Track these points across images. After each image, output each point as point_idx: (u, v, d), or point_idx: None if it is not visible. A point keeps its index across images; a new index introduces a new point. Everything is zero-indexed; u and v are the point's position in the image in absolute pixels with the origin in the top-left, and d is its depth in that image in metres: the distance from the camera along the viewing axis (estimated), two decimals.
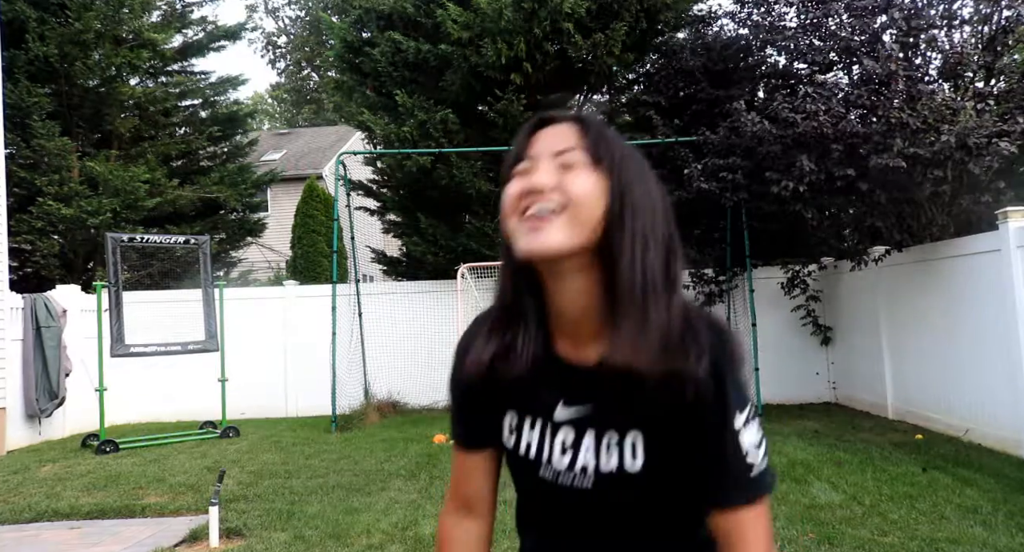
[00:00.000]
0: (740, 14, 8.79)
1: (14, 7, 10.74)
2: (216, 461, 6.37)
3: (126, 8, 11.68)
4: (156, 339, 7.80)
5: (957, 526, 3.91)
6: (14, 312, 7.72)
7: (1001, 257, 5.60)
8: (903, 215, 7.24)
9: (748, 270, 8.38)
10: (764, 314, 8.78)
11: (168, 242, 8.41)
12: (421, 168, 9.78)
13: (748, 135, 7.01)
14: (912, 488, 4.70)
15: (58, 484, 5.64)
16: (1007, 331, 5.53)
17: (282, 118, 36.58)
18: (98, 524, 4.62)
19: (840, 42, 7.25)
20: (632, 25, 9.32)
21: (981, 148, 5.87)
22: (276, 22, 38.46)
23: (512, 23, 8.83)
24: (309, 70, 35.01)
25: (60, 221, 10.70)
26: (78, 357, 8.38)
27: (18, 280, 10.39)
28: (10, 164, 10.06)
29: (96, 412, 7.43)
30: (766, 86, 9.16)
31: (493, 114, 9.47)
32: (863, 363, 8.18)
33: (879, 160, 6.11)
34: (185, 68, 13.86)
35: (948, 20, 7.04)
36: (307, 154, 21.42)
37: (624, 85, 11.28)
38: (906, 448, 5.96)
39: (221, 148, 14.15)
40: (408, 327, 9.49)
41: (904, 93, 6.23)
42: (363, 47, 10.50)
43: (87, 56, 11.26)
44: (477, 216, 10.04)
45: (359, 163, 13.13)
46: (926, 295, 6.80)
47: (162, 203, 11.61)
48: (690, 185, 7.72)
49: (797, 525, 4.02)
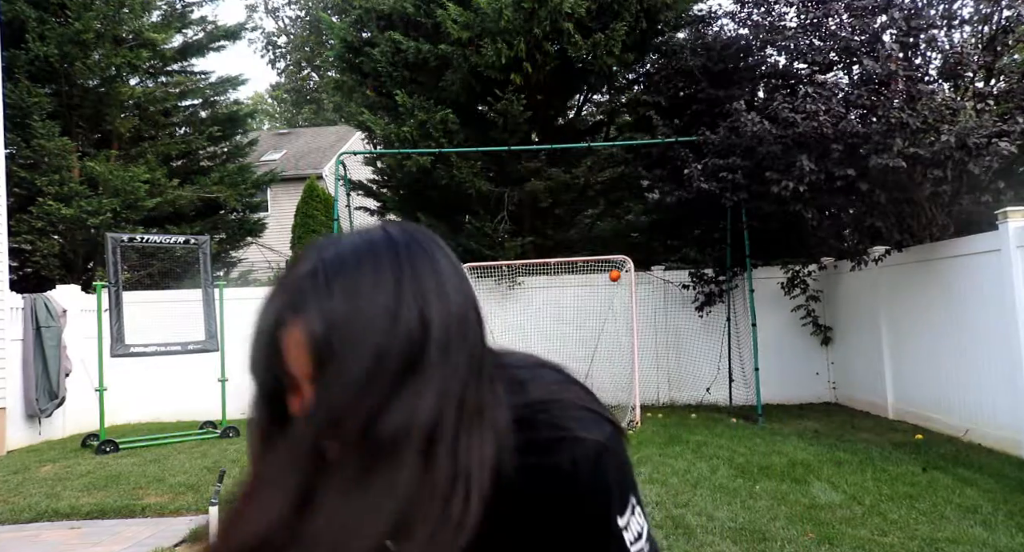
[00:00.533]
0: (740, 14, 8.78)
1: (14, 7, 10.74)
2: (216, 461, 6.37)
3: (126, 8, 11.69)
4: (156, 339, 7.80)
5: (957, 526, 3.91)
6: (14, 312, 7.72)
7: (1001, 257, 5.60)
8: (903, 215, 7.24)
9: (748, 270, 8.38)
10: (764, 314, 8.78)
11: (168, 242, 8.41)
12: (421, 168, 9.78)
13: (748, 135, 7.01)
14: (912, 488, 4.70)
15: (58, 484, 5.64)
16: (1007, 331, 5.53)
17: (282, 118, 36.59)
18: (98, 524, 4.62)
19: (840, 42, 7.25)
20: (632, 25, 9.32)
21: (981, 148, 5.87)
22: (276, 22, 38.47)
23: (512, 23, 8.83)
24: (309, 70, 35.02)
25: (60, 221, 10.70)
26: (78, 357, 8.38)
27: (18, 280, 10.40)
28: (10, 164, 10.05)
29: (96, 412, 7.43)
30: (766, 86, 9.16)
31: (493, 114, 9.47)
32: (863, 363, 8.18)
33: (879, 160, 6.11)
34: (185, 68, 13.86)
35: (948, 20, 7.04)
36: (307, 154, 21.42)
37: (624, 85, 11.28)
38: (906, 448, 5.96)
39: (221, 148, 14.15)
40: None
41: (904, 93, 6.23)
42: (363, 47, 10.50)
43: (87, 56, 11.26)
44: (477, 216, 10.04)
45: (359, 163, 13.12)
46: (926, 295, 6.80)
47: (162, 203, 11.61)
48: (690, 185, 7.73)
49: (797, 525, 4.02)
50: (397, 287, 0.65)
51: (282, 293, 0.67)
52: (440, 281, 0.68)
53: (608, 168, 10.69)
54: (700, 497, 4.68)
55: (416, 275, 0.67)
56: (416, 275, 0.67)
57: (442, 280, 0.68)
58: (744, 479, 5.13)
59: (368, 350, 0.63)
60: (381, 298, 0.65)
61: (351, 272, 0.66)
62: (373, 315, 0.64)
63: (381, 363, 0.63)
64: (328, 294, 0.64)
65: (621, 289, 8.65)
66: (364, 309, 0.64)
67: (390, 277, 0.66)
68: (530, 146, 10.09)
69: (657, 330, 9.45)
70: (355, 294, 0.65)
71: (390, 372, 0.64)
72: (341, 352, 0.63)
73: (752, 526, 4.03)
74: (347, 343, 0.63)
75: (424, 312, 0.65)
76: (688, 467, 5.54)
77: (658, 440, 6.68)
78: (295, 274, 0.68)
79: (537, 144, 10.35)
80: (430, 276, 0.68)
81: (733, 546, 3.74)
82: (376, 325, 0.64)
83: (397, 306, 0.65)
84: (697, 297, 9.22)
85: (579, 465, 0.72)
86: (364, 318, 0.64)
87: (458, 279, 0.70)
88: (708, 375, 9.11)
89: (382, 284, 0.65)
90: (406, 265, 0.67)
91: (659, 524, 4.12)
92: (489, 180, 10.00)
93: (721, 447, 6.28)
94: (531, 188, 9.86)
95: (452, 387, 0.67)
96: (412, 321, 0.65)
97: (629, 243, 11.22)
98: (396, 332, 0.64)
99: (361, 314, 0.64)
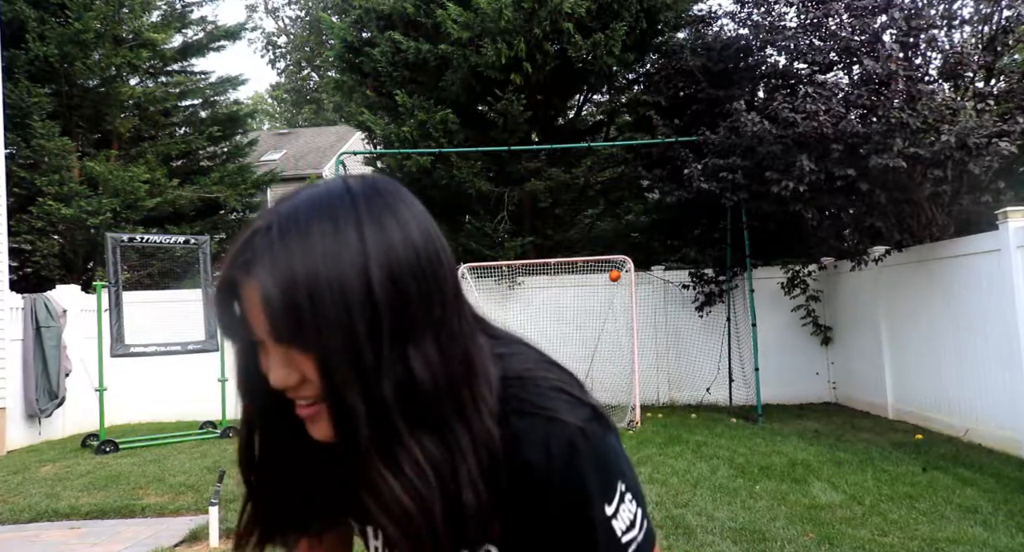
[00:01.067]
0: (740, 14, 8.78)
1: (14, 7, 10.74)
2: (216, 461, 6.37)
3: (126, 8, 11.69)
4: (156, 339, 7.80)
5: (957, 526, 3.91)
6: (14, 312, 7.72)
7: (1001, 257, 5.60)
8: (903, 215, 7.24)
9: (748, 270, 8.38)
10: (764, 314, 8.78)
11: (168, 242, 8.41)
12: (421, 168, 9.78)
13: (748, 135, 7.01)
14: (912, 488, 4.70)
15: (58, 484, 5.64)
16: (1007, 331, 5.53)
17: (282, 118, 36.58)
18: (98, 524, 4.61)
19: (840, 42, 7.25)
20: (632, 25, 9.32)
21: (981, 148, 5.87)
22: (276, 22, 38.47)
23: (512, 23, 8.83)
24: (309, 70, 35.01)
25: (60, 221, 10.70)
26: (78, 357, 8.39)
27: (18, 280, 10.40)
28: (10, 164, 10.05)
29: (96, 412, 7.43)
30: (766, 86, 9.16)
31: (493, 114, 9.47)
32: (863, 363, 8.18)
33: (879, 160, 6.12)
34: (185, 68, 13.87)
35: (948, 20, 7.05)
36: (307, 154, 21.43)
37: (624, 85, 11.28)
38: (906, 448, 5.96)
39: (221, 148, 14.15)
40: None
41: (904, 93, 6.23)
42: (363, 47, 10.50)
43: (87, 56, 11.26)
44: (477, 216, 10.05)
45: (359, 163, 13.13)
46: (926, 295, 6.80)
47: (162, 203, 11.61)
48: (690, 185, 7.73)
49: (797, 525, 4.02)
50: (360, 242, 0.62)
51: (236, 252, 0.64)
52: (406, 233, 0.65)
53: (608, 168, 10.70)
54: (700, 497, 4.68)
55: (380, 228, 0.64)
56: (380, 228, 0.64)
57: (408, 232, 0.65)
58: (744, 479, 5.13)
59: (344, 311, 0.60)
60: (345, 254, 0.61)
61: (307, 226, 0.62)
62: (341, 274, 0.61)
63: (370, 322, 0.61)
64: (283, 251, 0.61)
65: (621, 289, 8.64)
66: (327, 268, 0.61)
67: (352, 232, 0.63)
68: (530, 146, 10.09)
69: (657, 330, 9.45)
70: (311, 252, 0.61)
71: (386, 329, 0.62)
72: (311, 315, 0.60)
73: (752, 526, 4.03)
74: (317, 305, 0.60)
75: (393, 268, 0.63)
76: (688, 467, 5.54)
77: (658, 440, 6.68)
78: (249, 230, 0.65)
79: (537, 144, 10.35)
80: (395, 230, 0.64)
81: (733, 546, 3.74)
82: (347, 285, 0.61)
83: (363, 262, 0.62)
84: (697, 297, 9.22)
85: (551, 448, 0.68)
86: (328, 278, 0.61)
87: (426, 229, 0.67)
88: (708, 375, 9.11)
89: (343, 239, 0.62)
90: (367, 217, 0.64)
91: (659, 524, 4.12)
92: (489, 180, 10.00)
93: (721, 447, 6.28)
94: (531, 188, 9.86)
95: (445, 342, 0.66)
96: (383, 277, 0.62)
97: (629, 243, 11.23)
98: (370, 290, 0.61)
99: (324, 274, 0.61)
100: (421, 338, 0.64)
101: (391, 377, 0.63)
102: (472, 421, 0.67)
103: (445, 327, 0.66)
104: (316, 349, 0.62)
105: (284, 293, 0.60)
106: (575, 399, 0.72)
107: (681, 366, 9.36)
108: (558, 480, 0.68)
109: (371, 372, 0.62)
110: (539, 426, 0.69)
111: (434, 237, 0.68)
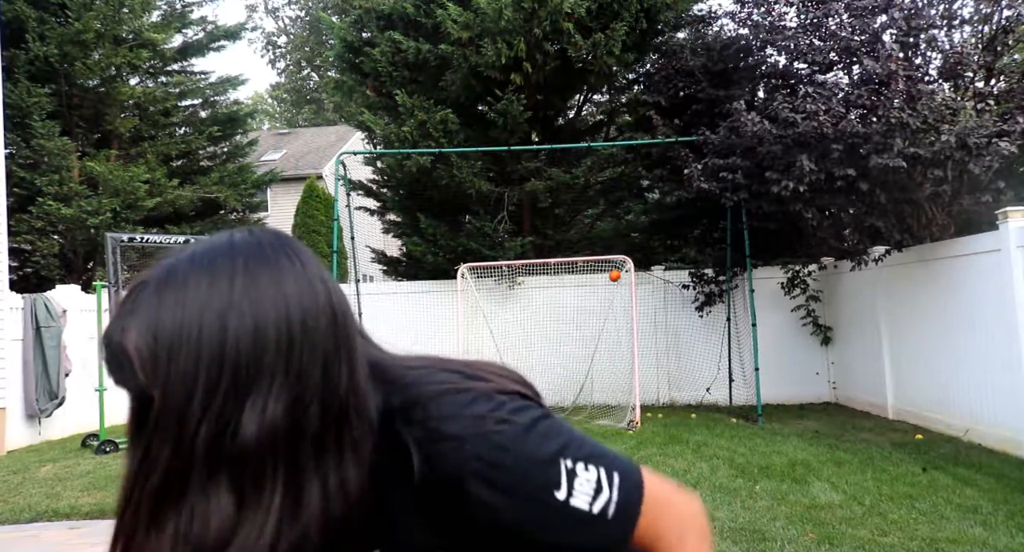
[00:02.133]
0: (740, 14, 8.78)
1: (14, 7, 10.75)
2: None
3: (126, 8, 11.69)
4: None
5: (957, 526, 3.91)
6: (14, 312, 7.72)
7: (1001, 257, 5.60)
8: (903, 215, 7.24)
9: (748, 270, 8.38)
10: (764, 314, 8.78)
11: (168, 242, 8.39)
12: (421, 168, 9.78)
13: (748, 135, 7.01)
14: (912, 488, 4.70)
15: (58, 484, 5.64)
16: (1007, 331, 5.53)
17: (282, 118, 36.60)
18: (98, 524, 4.61)
19: (840, 42, 7.25)
20: (632, 25, 9.31)
21: (981, 148, 5.87)
22: (276, 22, 38.48)
23: (512, 23, 8.83)
24: (309, 70, 35.03)
25: (60, 221, 10.70)
26: (78, 357, 8.38)
27: (18, 280, 10.40)
28: (10, 164, 10.06)
29: (96, 412, 7.43)
30: (766, 86, 9.15)
31: (493, 114, 9.47)
32: (863, 363, 8.18)
33: (879, 160, 6.11)
34: (185, 68, 13.88)
35: (948, 20, 7.05)
36: (307, 154, 21.42)
37: (624, 85, 11.28)
38: (906, 448, 5.96)
39: (221, 148, 14.16)
40: (408, 327, 9.49)
41: (904, 93, 6.23)
42: (363, 47, 10.50)
43: (87, 56, 11.26)
44: (477, 216, 10.05)
45: (359, 163, 13.12)
46: (926, 295, 6.80)
47: (162, 203, 11.62)
48: (690, 185, 7.73)
49: (797, 525, 4.02)
50: (229, 296, 0.65)
51: (120, 305, 0.67)
52: (280, 288, 0.67)
53: (608, 168, 10.69)
54: (700, 497, 4.67)
55: (253, 283, 0.66)
56: (253, 283, 0.66)
57: (282, 287, 0.67)
58: (744, 479, 5.13)
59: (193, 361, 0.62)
60: (214, 304, 0.64)
61: (183, 281, 0.65)
62: (201, 325, 0.63)
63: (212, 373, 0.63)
64: (157, 304, 0.64)
65: (621, 289, 8.64)
66: (190, 319, 0.63)
67: (224, 286, 0.65)
68: (530, 146, 10.09)
69: (657, 330, 9.45)
70: (182, 303, 0.64)
71: (225, 382, 0.63)
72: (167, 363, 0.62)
73: (752, 526, 4.03)
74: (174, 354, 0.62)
75: (257, 320, 0.64)
76: (688, 467, 5.54)
77: (658, 440, 6.68)
78: (135, 283, 0.68)
79: (537, 144, 10.35)
80: (268, 284, 0.66)
81: (733, 546, 3.74)
82: (204, 336, 0.63)
83: (225, 314, 0.64)
84: (697, 297, 9.22)
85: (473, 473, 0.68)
86: (189, 328, 0.63)
87: (305, 284, 0.68)
88: (708, 375, 9.11)
89: (214, 291, 0.65)
90: (241, 273, 0.66)
91: None
92: (489, 180, 10.00)
93: (721, 447, 6.28)
94: (531, 188, 9.87)
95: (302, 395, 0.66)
96: (242, 330, 0.64)
97: (629, 243, 11.23)
98: (224, 341, 0.63)
99: (186, 324, 0.63)
100: (269, 390, 0.64)
101: (209, 428, 0.63)
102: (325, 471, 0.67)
103: (308, 379, 0.66)
104: (159, 394, 0.63)
105: (152, 342, 0.63)
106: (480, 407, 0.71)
107: (681, 366, 9.36)
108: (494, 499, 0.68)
109: (192, 420, 0.63)
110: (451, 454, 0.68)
111: (318, 291, 0.69)
